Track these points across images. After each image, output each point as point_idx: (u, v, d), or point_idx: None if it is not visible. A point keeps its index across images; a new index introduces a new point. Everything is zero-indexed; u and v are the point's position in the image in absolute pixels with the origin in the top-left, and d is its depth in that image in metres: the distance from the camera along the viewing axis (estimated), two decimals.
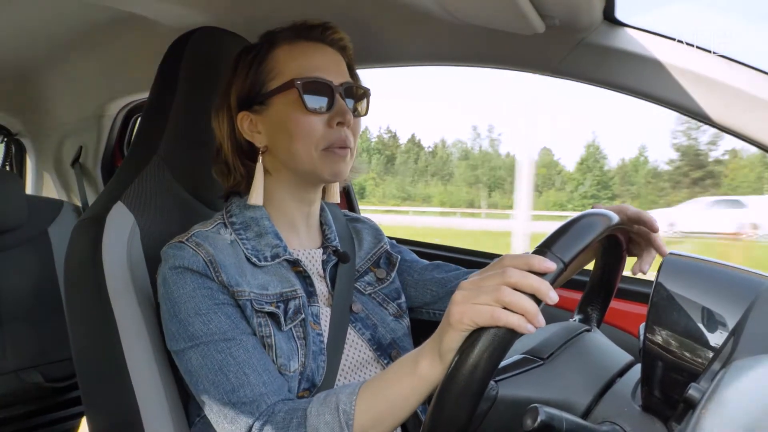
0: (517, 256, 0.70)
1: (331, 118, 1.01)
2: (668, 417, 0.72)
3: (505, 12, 1.09)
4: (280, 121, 1.02)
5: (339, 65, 1.07)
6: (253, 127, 1.06)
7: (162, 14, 1.46)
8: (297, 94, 1.00)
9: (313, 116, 1.00)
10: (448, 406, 0.67)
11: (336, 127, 1.01)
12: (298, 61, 1.03)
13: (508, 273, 0.69)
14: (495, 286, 0.69)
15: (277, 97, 1.03)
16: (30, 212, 2.12)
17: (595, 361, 0.89)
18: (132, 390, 1.08)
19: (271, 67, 1.04)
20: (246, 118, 1.06)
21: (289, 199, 1.09)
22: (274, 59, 1.04)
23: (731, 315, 0.73)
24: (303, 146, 1.01)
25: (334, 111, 1.01)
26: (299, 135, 1.01)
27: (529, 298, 0.68)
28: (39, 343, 2.06)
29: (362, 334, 1.10)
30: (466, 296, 0.71)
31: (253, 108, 1.05)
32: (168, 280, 0.97)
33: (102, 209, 1.12)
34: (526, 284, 0.68)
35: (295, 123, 1.01)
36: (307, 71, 1.02)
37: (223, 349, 0.93)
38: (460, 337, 0.71)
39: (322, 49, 1.06)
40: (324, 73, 1.02)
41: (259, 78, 1.05)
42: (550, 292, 0.68)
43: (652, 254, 1.01)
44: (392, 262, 1.25)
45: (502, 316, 0.67)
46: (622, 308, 1.42)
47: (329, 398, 0.85)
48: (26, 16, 1.60)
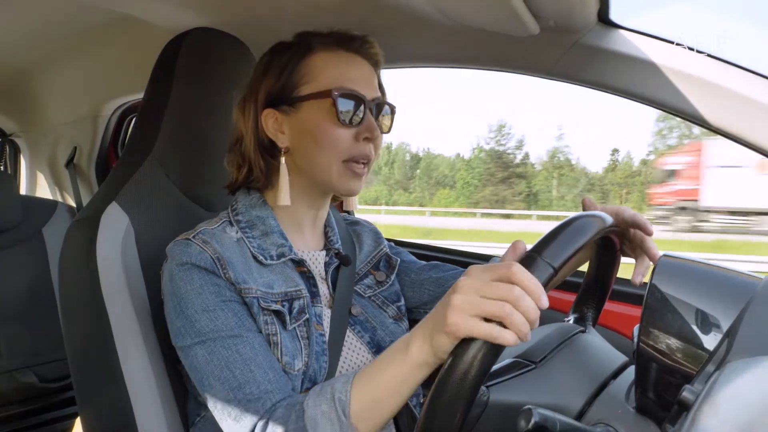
0: (525, 274, 0.69)
1: (359, 133, 1.01)
2: (662, 419, 0.72)
3: (500, 14, 1.10)
4: (308, 127, 1.02)
5: (372, 80, 1.07)
6: (277, 126, 1.05)
7: (156, 15, 1.45)
8: (331, 104, 1.00)
9: (343, 128, 1.01)
10: (439, 413, 0.67)
11: (362, 141, 1.02)
12: (335, 70, 1.03)
13: (514, 291, 0.68)
14: (497, 302, 0.69)
15: (310, 102, 1.02)
16: (24, 213, 2.12)
17: (589, 364, 0.89)
18: (126, 390, 1.08)
19: (306, 71, 1.04)
20: (271, 116, 1.05)
21: (299, 202, 1.09)
22: (311, 64, 1.04)
23: (725, 317, 0.73)
24: (326, 155, 1.01)
25: (364, 126, 1.02)
26: (325, 144, 1.01)
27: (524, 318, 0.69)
28: (33, 344, 2.05)
29: (361, 336, 1.10)
30: (465, 303, 0.70)
31: (281, 107, 1.04)
32: (175, 277, 0.97)
33: (96, 210, 1.12)
34: (524, 307, 0.68)
35: (324, 132, 1.01)
36: (345, 82, 1.01)
37: (229, 345, 0.93)
38: (451, 343, 0.71)
39: (360, 62, 1.06)
40: (359, 86, 1.02)
41: (292, 80, 1.04)
42: (536, 323, 0.69)
43: (645, 263, 1.01)
44: (392, 265, 1.25)
45: (499, 335, 0.67)
46: (616, 310, 1.42)
47: (324, 389, 0.86)
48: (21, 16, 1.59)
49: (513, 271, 0.70)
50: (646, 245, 0.99)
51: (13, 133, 2.54)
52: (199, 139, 1.24)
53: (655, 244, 0.98)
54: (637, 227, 0.99)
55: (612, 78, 1.15)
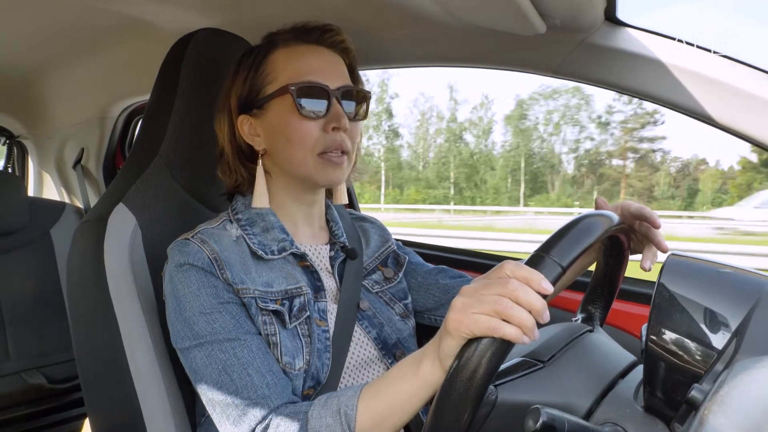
0: (520, 267, 0.70)
1: (327, 123, 1.01)
2: (671, 418, 0.72)
3: (506, 13, 1.09)
4: (276, 126, 1.03)
5: (337, 68, 1.06)
6: (252, 130, 1.06)
7: (163, 17, 1.46)
8: (291, 99, 1.00)
9: (309, 121, 1.00)
10: (447, 413, 0.68)
11: (332, 132, 1.01)
12: (293, 65, 1.03)
13: (509, 285, 0.69)
14: (495, 297, 0.69)
15: (274, 101, 1.03)
16: (32, 214, 2.13)
17: (597, 363, 0.88)
18: (134, 391, 1.08)
19: (269, 71, 1.04)
20: (246, 122, 1.06)
21: (289, 201, 1.10)
22: (272, 63, 1.04)
23: (734, 316, 0.73)
24: (299, 151, 1.01)
25: (330, 116, 1.01)
26: (295, 140, 1.01)
27: (527, 311, 0.68)
28: (41, 345, 2.06)
29: (368, 332, 1.10)
30: (465, 304, 0.71)
31: (253, 112, 1.05)
32: (174, 278, 0.97)
33: (104, 211, 1.13)
34: (525, 300, 0.68)
35: (291, 128, 1.01)
36: (303, 75, 1.01)
37: (227, 349, 0.93)
38: (457, 344, 0.71)
39: (319, 52, 1.06)
40: (320, 76, 1.02)
41: (257, 82, 1.05)
42: (544, 313, 0.68)
43: (653, 251, 1.00)
44: (400, 263, 1.25)
45: (499, 327, 0.67)
46: (624, 309, 1.42)
47: (330, 401, 0.85)
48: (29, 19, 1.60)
49: (504, 265, 0.71)
50: (652, 236, 0.98)
51: (21, 135, 2.55)
52: (205, 139, 1.24)
53: (662, 235, 0.97)
54: (644, 220, 0.98)
55: (619, 76, 1.15)
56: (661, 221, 0.98)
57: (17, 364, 2.00)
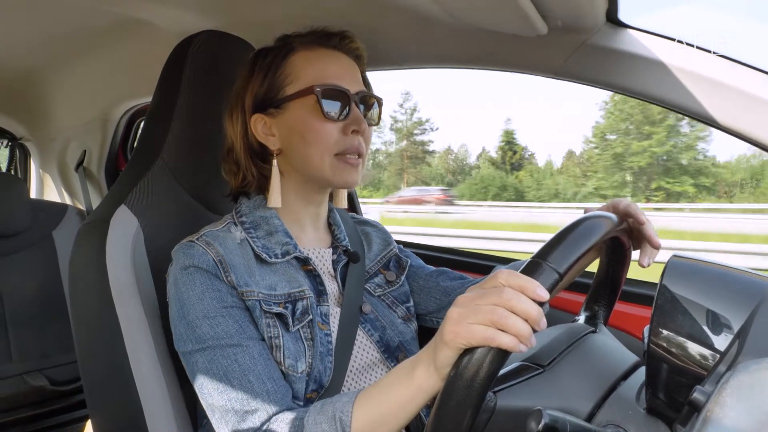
0: (514, 276, 0.70)
1: (346, 126, 1.02)
2: (673, 420, 0.72)
3: (508, 14, 1.09)
4: (296, 126, 1.03)
5: (355, 74, 1.08)
6: (267, 129, 1.06)
7: (165, 18, 1.46)
8: (315, 100, 1.01)
9: (329, 123, 1.01)
10: (446, 421, 0.67)
11: (350, 134, 1.02)
12: (316, 68, 1.04)
13: (504, 294, 0.68)
14: (490, 306, 0.68)
15: (295, 102, 1.03)
16: (34, 216, 2.13)
17: (598, 365, 0.88)
18: (136, 393, 1.08)
19: (288, 72, 1.05)
20: (260, 121, 1.06)
21: (297, 201, 1.10)
22: (292, 64, 1.05)
23: (736, 317, 0.72)
24: (317, 151, 1.02)
25: (350, 119, 1.02)
26: (314, 140, 1.02)
27: (523, 320, 0.68)
28: (43, 347, 2.06)
29: (371, 335, 1.11)
30: (461, 314, 0.70)
31: (268, 111, 1.06)
32: (178, 281, 0.98)
33: (106, 213, 1.13)
34: (520, 309, 0.68)
35: (311, 128, 1.02)
36: (325, 78, 1.03)
37: (228, 354, 0.93)
38: (454, 354, 0.71)
39: (340, 57, 1.07)
40: (341, 81, 1.03)
41: (276, 82, 1.05)
42: (541, 321, 0.68)
43: (649, 247, 0.99)
44: (402, 266, 1.25)
45: (495, 337, 0.66)
46: (626, 311, 1.42)
47: (326, 407, 0.85)
48: (31, 20, 1.60)
49: (498, 274, 0.71)
50: (643, 233, 0.97)
51: (23, 137, 2.56)
52: (207, 141, 1.24)
53: (654, 231, 0.96)
54: (630, 217, 0.96)
55: (621, 78, 1.15)
56: (646, 217, 0.96)
57: (20, 366, 2.00)
